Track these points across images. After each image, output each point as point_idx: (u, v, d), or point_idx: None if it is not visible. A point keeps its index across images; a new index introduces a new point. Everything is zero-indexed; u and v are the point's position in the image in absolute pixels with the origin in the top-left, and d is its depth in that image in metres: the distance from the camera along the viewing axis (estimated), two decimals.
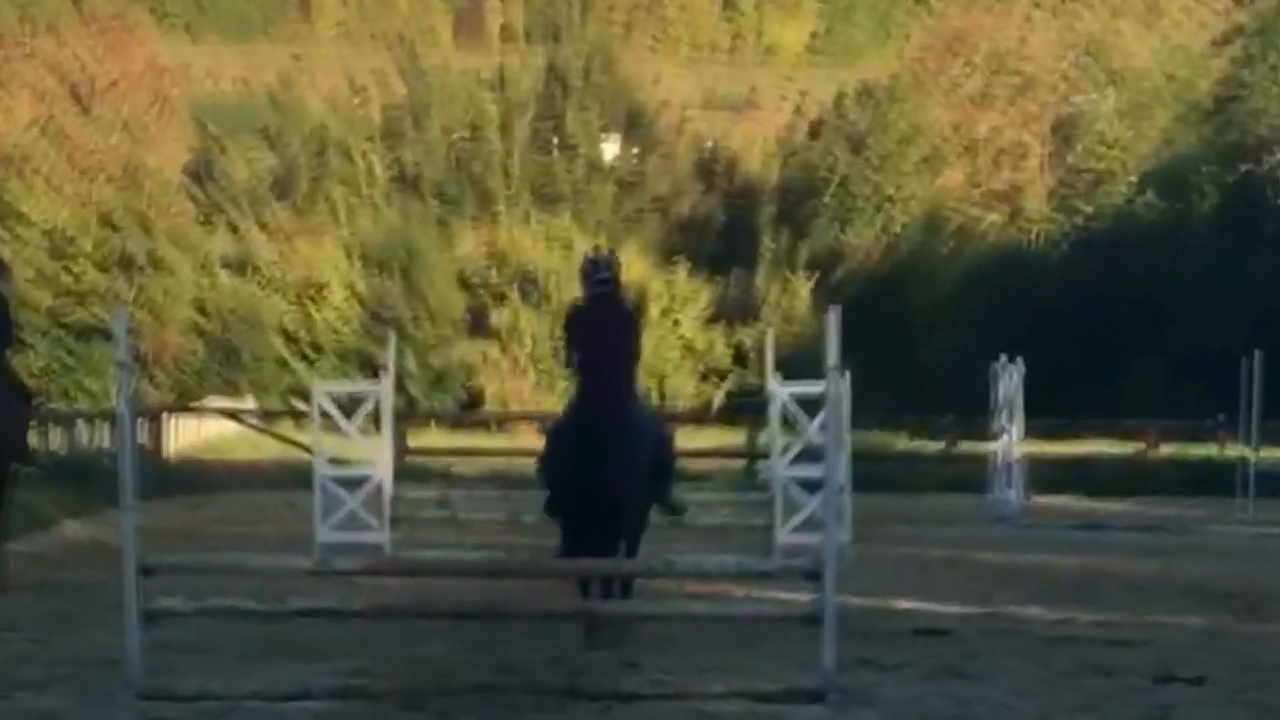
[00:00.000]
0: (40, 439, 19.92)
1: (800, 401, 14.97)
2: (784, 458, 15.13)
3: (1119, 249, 45.71)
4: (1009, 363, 20.39)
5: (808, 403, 14.69)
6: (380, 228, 52.39)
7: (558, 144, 54.47)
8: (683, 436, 17.41)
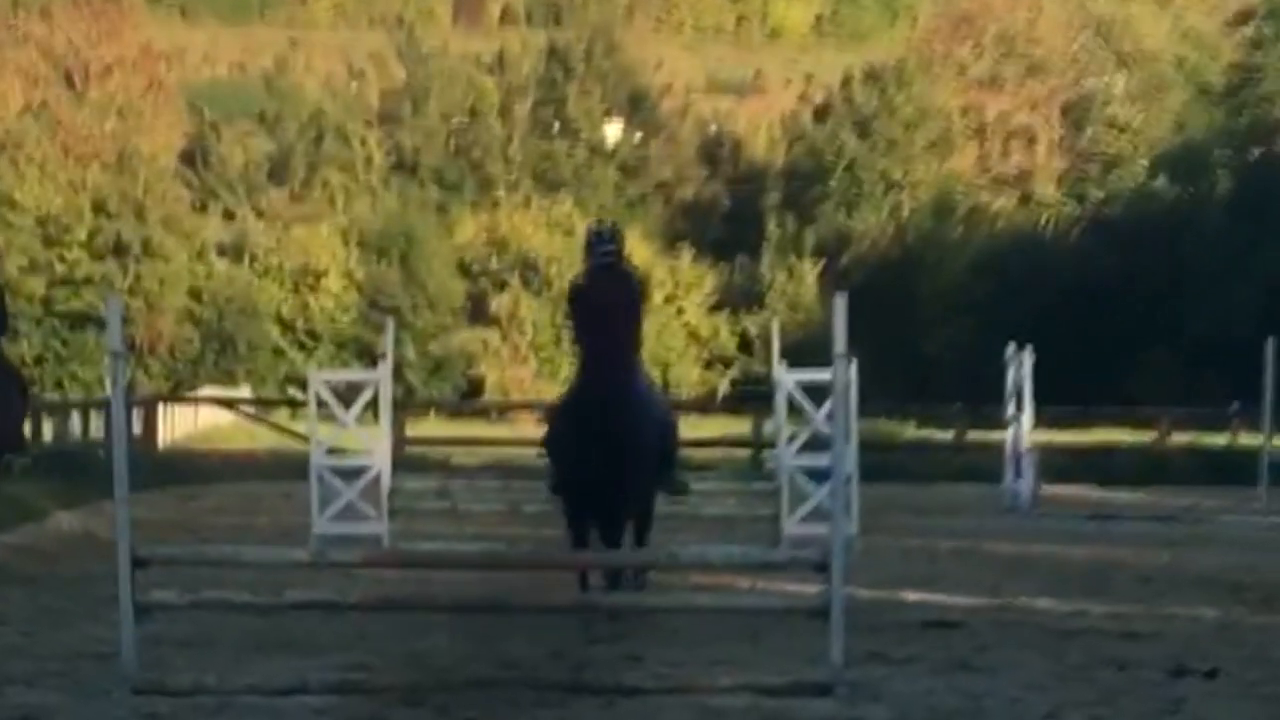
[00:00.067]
0: (32, 429, 19.80)
1: (807, 390, 14.87)
2: (790, 447, 15.03)
3: (1131, 234, 45.56)
4: (1019, 350, 20.25)
5: (814, 391, 14.58)
6: (378, 213, 52.31)
7: (559, 128, 54.34)
8: (687, 425, 17.26)
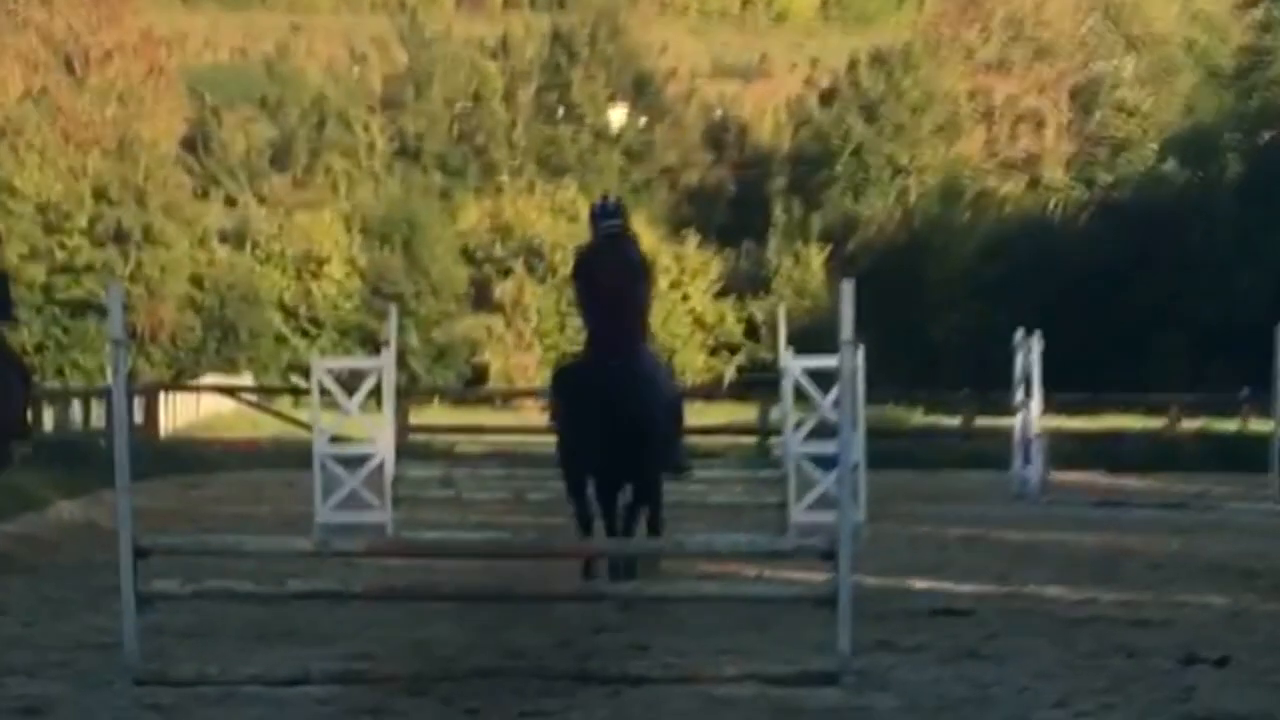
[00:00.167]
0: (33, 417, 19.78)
1: (813, 376, 14.82)
2: (797, 434, 14.97)
3: (1141, 218, 45.33)
4: (1027, 335, 20.15)
5: (821, 377, 14.51)
6: (381, 199, 52.23)
7: (563, 113, 54.22)
8: (693, 412, 17.22)
